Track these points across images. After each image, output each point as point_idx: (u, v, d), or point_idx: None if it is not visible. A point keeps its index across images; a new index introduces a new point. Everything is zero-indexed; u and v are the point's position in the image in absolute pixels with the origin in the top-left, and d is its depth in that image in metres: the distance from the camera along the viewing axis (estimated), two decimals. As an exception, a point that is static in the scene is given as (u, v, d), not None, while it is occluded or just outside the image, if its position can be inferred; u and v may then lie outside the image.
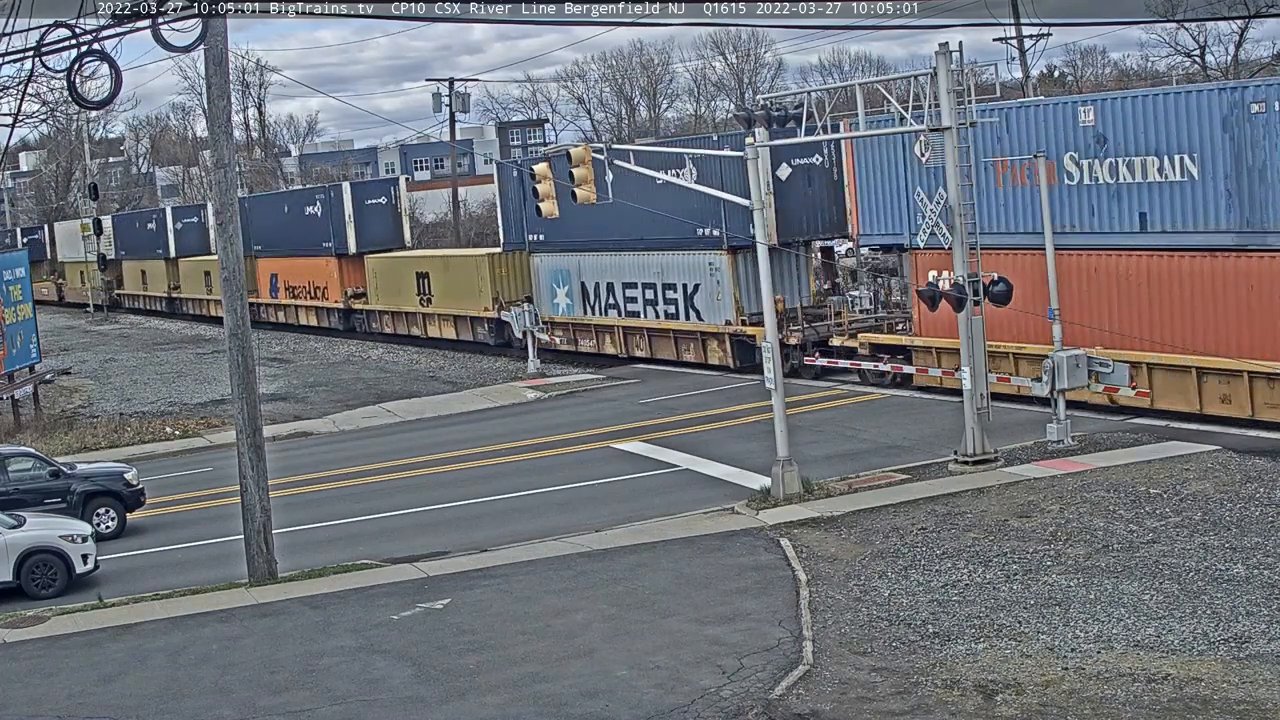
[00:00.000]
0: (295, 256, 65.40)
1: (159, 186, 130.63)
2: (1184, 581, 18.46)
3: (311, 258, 63.55)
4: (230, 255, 22.84)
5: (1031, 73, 59.91)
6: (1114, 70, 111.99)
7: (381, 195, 62.17)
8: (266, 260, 68.37)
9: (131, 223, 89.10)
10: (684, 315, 41.99)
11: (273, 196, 78.41)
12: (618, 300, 44.66)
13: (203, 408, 44.59)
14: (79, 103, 20.58)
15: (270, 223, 67.10)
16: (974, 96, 26.29)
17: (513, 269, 50.47)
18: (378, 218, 61.23)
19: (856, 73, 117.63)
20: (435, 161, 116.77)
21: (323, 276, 63.49)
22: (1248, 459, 24.52)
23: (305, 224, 63.69)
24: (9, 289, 42.82)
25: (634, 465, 29.88)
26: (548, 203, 29.54)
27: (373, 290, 59.70)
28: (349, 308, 61.50)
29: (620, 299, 44.55)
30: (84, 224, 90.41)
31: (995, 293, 26.44)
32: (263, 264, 68.73)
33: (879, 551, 21.11)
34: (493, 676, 16.84)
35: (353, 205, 60.71)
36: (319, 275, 63.82)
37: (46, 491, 27.44)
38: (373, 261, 59.47)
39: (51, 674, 18.51)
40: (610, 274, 44.78)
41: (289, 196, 72.28)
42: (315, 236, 62.84)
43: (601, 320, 45.36)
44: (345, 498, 29.58)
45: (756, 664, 16.52)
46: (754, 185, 26.28)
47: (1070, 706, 14.59)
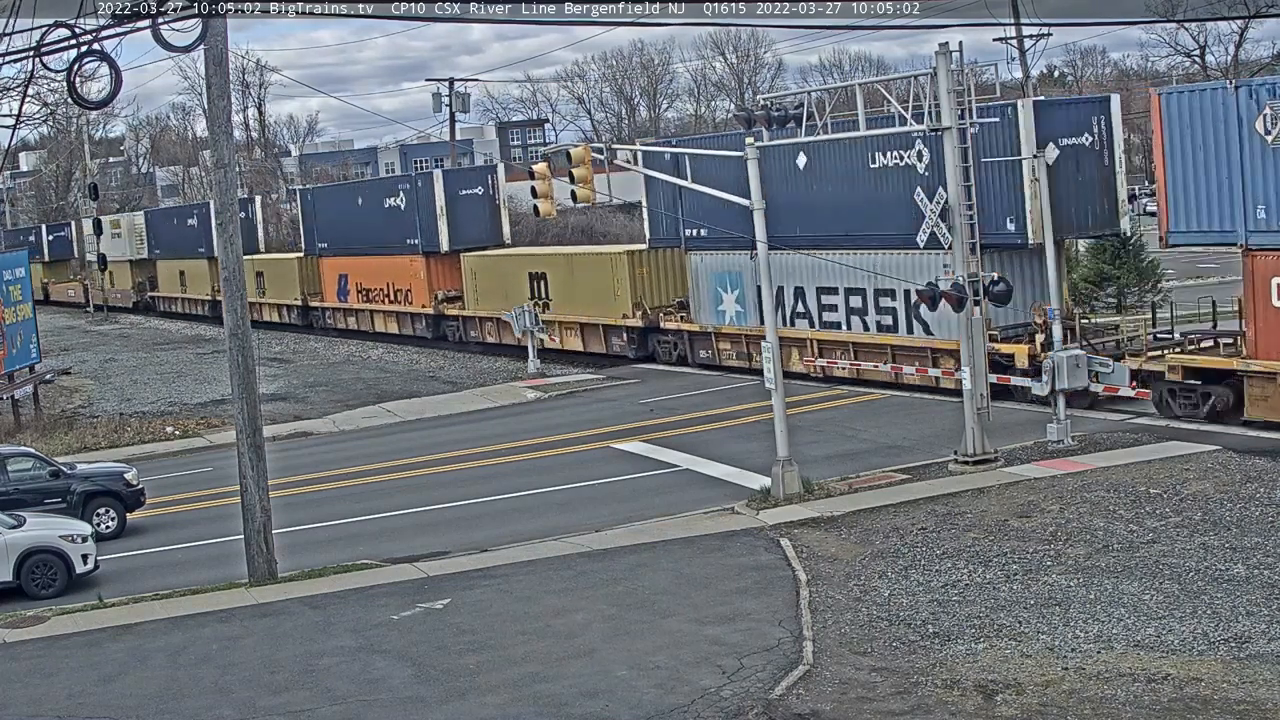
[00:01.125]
0: (371, 255, 58.51)
1: (159, 186, 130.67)
2: (1184, 581, 18.46)
3: (392, 256, 56.76)
4: (230, 255, 22.83)
5: (1031, 73, 59.90)
6: (1114, 70, 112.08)
7: (478, 185, 54.72)
8: (334, 259, 61.96)
9: (168, 219, 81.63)
10: (905, 328, 34.42)
11: (344, 187, 71.82)
12: (809, 308, 37.15)
13: (203, 408, 44.57)
14: (79, 103, 20.58)
15: (340, 217, 60.96)
16: (974, 96, 26.29)
17: (661, 269, 43.81)
18: (473, 210, 53.79)
19: (856, 73, 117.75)
20: (435, 161, 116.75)
21: (406, 277, 56.39)
22: (1248, 459, 24.52)
23: (385, 218, 56.77)
24: (9, 289, 42.79)
25: (634, 465, 29.88)
26: (545, 203, 29.53)
27: (471, 294, 52.56)
28: (440, 313, 54.63)
29: (813, 307, 37.05)
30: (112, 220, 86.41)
31: (996, 293, 26.44)
32: (329, 264, 62.51)
33: (879, 551, 21.11)
34: (493, 676, 16.84)
35: (445, 196, 53.36)
36: (401, 276, 56.76)
37: (46, 491, 27.42)
38: (471, 261, 52.40)
39: (51, 674, 18.51)
40: (800, 276, 37.18)
41: (364, 187, 65.82)
42: (398, 232, 55.55)
43: (789, 332, 36.86)
44: (345, 498, 29.57)
45: (756, 664, 16.51)
46: (753, 184, 26.26)
47: (1070, 706, 14.59)
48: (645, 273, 43.67)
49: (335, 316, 63.13)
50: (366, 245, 58.43)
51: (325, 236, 61.83)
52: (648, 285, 43.77)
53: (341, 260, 61.52)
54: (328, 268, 62.96)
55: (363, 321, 61.05)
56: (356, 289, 60.77)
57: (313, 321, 65.64)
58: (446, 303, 54.31)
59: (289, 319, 67.56)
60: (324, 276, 63.39)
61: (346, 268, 61.23)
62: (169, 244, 79.66)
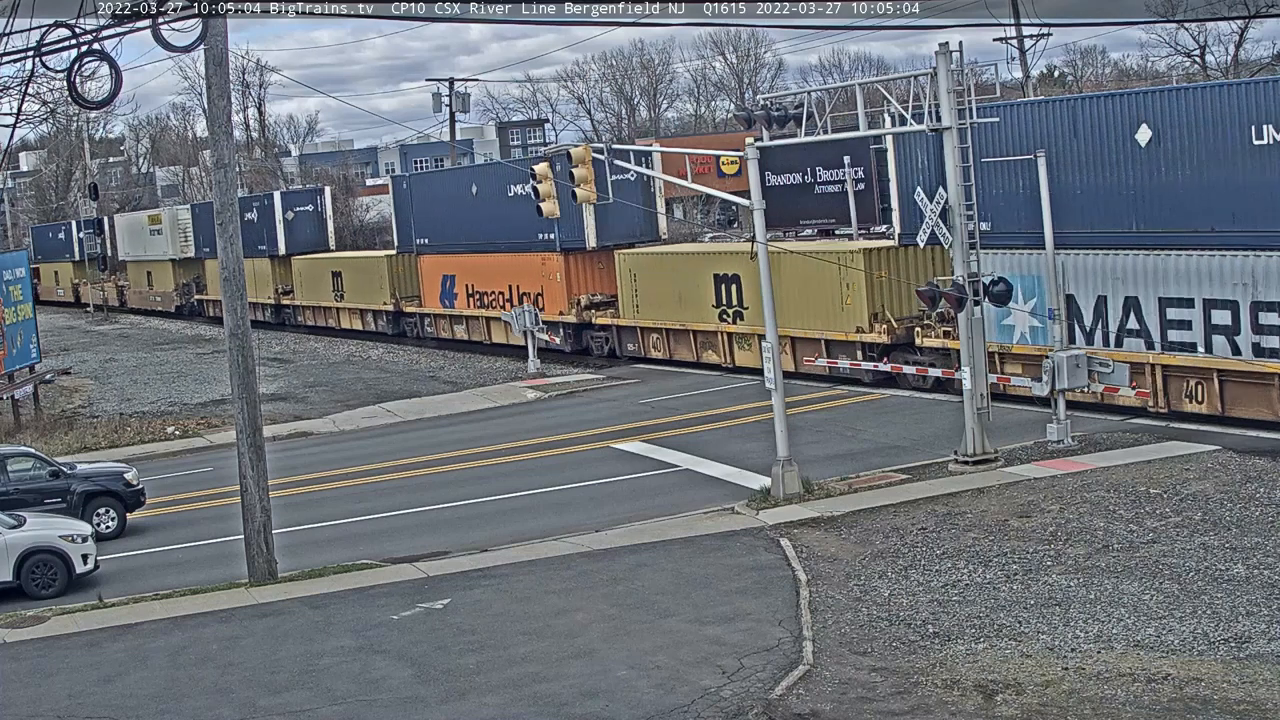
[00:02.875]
0: (487, 252, 49.88)
1: (159, 186, 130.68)
2: (1184, 581, 18.47)
3: (516, 254, 48.35)
4: (230, 255, 22.80)
5: (1031, 73, 59.92)
6: (1114, 70, 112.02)
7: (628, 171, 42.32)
8: (437, 257, 53.55)
9: None
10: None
11: (453, 173, 60.39)
12: (1146, 325, 28.54)
13: (203, 408, 44.57)
14: (79, 103, 20.59)
15: (446, 208, 52.51)
16: (974, 96, 26.28)
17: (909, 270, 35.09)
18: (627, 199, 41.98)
19: (856, 73, 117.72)
20: (435, 161, 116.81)
21: (535, 279, 47.67)
22: (1248, 459, 24.52)
23: (508, 209, 47.55)
24: (9, 289, 42.83)
25: (634, 465, 29.88)
26: (548, 203, 29.55)
27: (627, 299, 44.37)
28: (584, 321, 46.32)
29: (1153, 323, 28.33)
30: (152, 215, 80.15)
31: (995, 292, 26.47)
32: (430, 262, 54.14)
33: (879, 551, 21.11)
34: (493, 676, 16.84)
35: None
36: (529, 277, 47.94)
37: (46, 491, 27.44)
38: (630, 259, 44.27)
39: (51, 674, 18.51)
40: (1132, 283, 28.66)
41: (481, 173, 55.70)
42: (526, 225, 45.38)
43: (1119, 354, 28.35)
44: (345, 498, 29.57)
45: (756, 664, 16.51)
46: (753, 184, 26.27)
47: (1070, 706, 14.59)
48: (884, 276, 35.01)
49: (438, 324, 54.41)
50: (481, 241, 49.81)
51: (427, 230, 53.34)
52: (889, 292, 35.06)
53: (447, 259, 52.73)
54: (429, 267, 54.17)
55: (474, 330, 52.18)
56: (467, 292, 51.94)
57: (406, 330, 57.48)
58: (593, 309, 46.03)
59: (375, 326, 59.09)
60: (424, 278, 54.86)
61: (455, 268, 52.40)
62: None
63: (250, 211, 64.74)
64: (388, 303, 57.19)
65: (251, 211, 64.88)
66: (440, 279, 53.57)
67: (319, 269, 62.57)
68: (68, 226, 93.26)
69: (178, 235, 74.02)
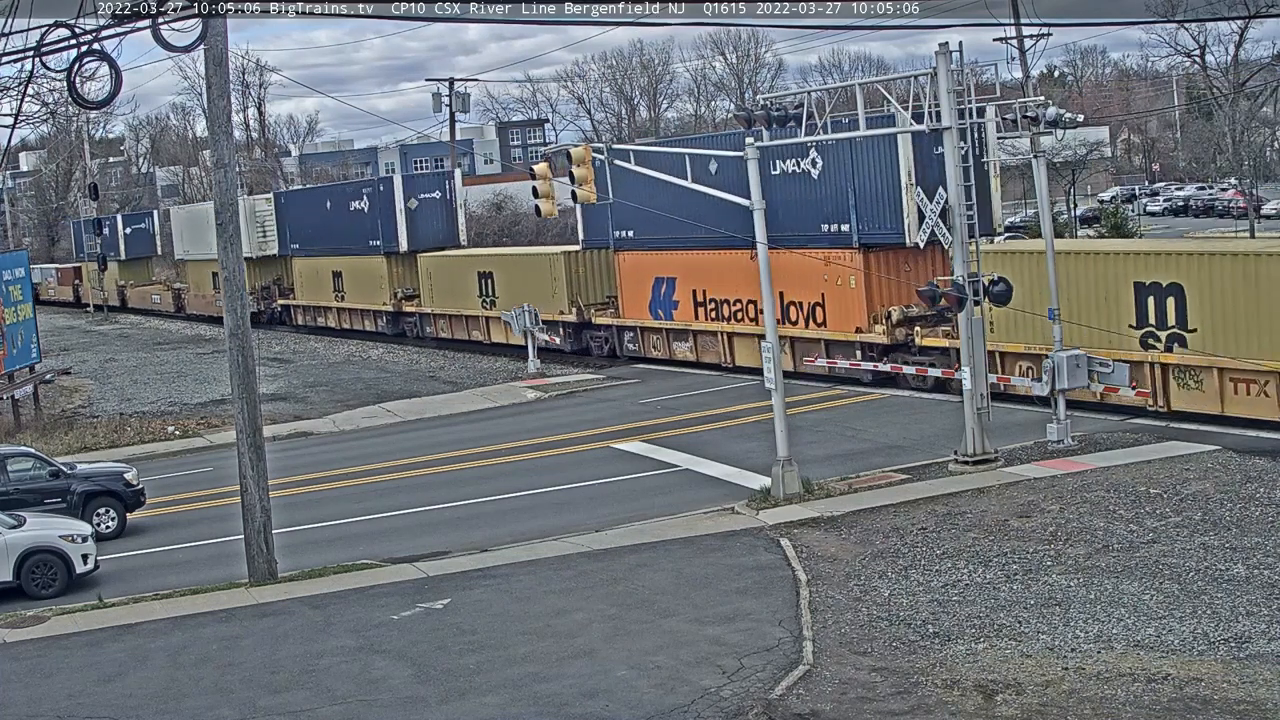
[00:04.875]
0: (719, 249, 38.34)
1: (159, 186, 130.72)
2: (1184, 581, 18.46)
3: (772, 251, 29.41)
4: (230, 255, 22.82)
5: (1031, 73, 59.91)
6: (1114, 70, 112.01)
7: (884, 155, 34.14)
8: (640, 255, 42.89)
9: (316, 202, 61.36)
10: None
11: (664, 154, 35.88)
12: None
13: (203, 408, 44.56)
14: (79, 103, 20.56)
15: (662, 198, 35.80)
16: (974, 96, 26.29)
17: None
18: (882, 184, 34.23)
19: (856, 73, 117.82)
20: (435, 161, 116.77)
21: (806, 284, 36.40)
22: (1248, 459, 24.53)
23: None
24: (9, 289, 42.82)
25: (634, 465, 29.87)
26: (546, 203, 29.51)
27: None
28: (898, 341, 34.58)
29: None
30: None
31: (996, 293, 26.45)
32: (632, 261, 43.43)
33: (879, 551, 21.11)
34: (493, 676, 16.84)
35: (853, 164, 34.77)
36: (796, 283, 36.34)
37: (46, 491, 27.43)
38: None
39: (51, 674, 18.51)
40: None
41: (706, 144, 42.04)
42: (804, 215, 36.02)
43: None
44: (345, 498, 29.57)
45: (756, 664, 16.51)
46: (753, 184, 26.25)
47: (1070, 706, 14.59)
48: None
49: (648, 341, 43.27)
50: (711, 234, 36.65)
51: (629, 223, 42.21)
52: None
53: (657, 257, 42.08)
54: (629, 267, 43.56)
55: (704, 350, 41.12)
56: (693, 300, 41.25)
57: (589, 345, 46.39)
58: (902, 325, 34.62)
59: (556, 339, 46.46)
60: (622, 279, 44.02)
61: (669, 268, 41.80)
62: (314, 236, 60.37)
63: (359, 199, 56.74)
64: (566, 311, 46.21)
65: (361, 199, 56.69)
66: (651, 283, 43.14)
67: (454, 270, 51.95)
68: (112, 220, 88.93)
69: (254, 230, 62.73)
